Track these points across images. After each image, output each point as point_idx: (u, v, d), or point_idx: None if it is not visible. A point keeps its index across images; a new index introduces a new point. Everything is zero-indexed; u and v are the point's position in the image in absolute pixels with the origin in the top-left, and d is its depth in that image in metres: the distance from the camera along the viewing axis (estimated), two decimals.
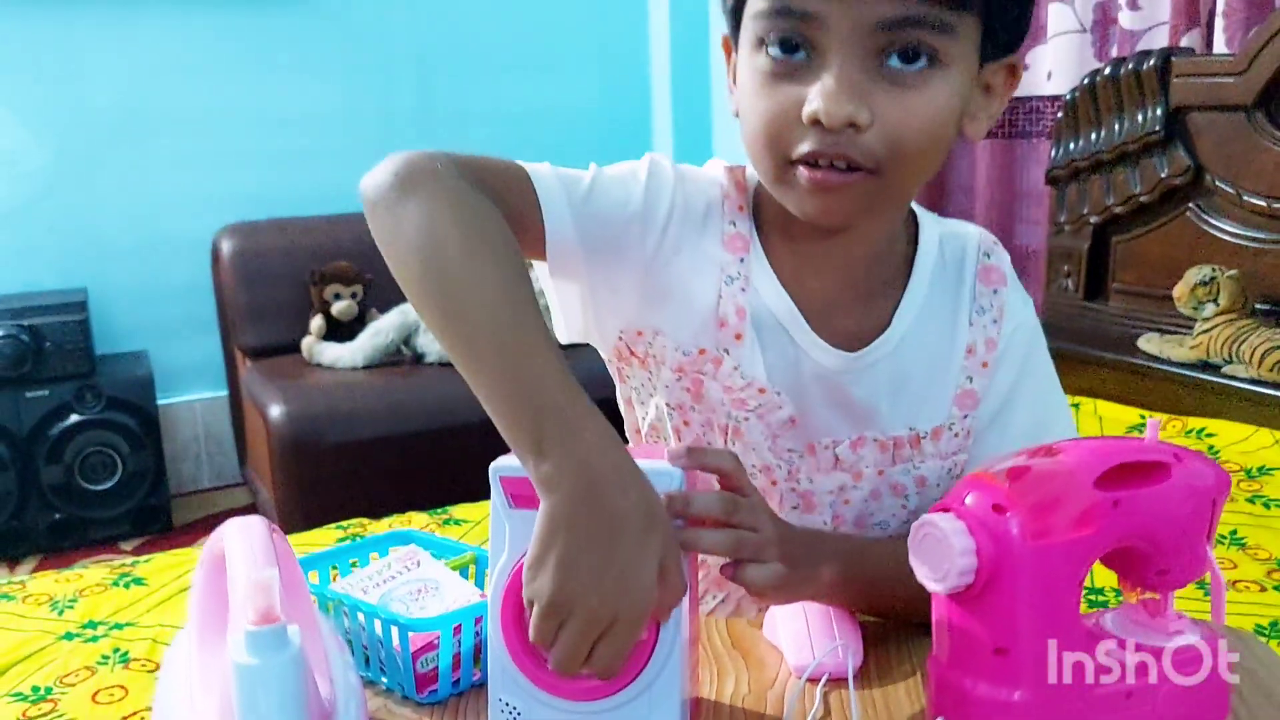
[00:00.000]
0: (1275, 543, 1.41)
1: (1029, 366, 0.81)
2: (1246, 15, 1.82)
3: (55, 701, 1.11)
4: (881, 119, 0.66)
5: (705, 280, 0.78)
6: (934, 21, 0.65)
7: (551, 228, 0.75)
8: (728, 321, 0.78)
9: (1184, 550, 0.60)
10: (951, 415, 0.80)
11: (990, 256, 0.82)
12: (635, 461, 0.60)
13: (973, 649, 0.56)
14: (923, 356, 0.79)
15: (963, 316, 0.80)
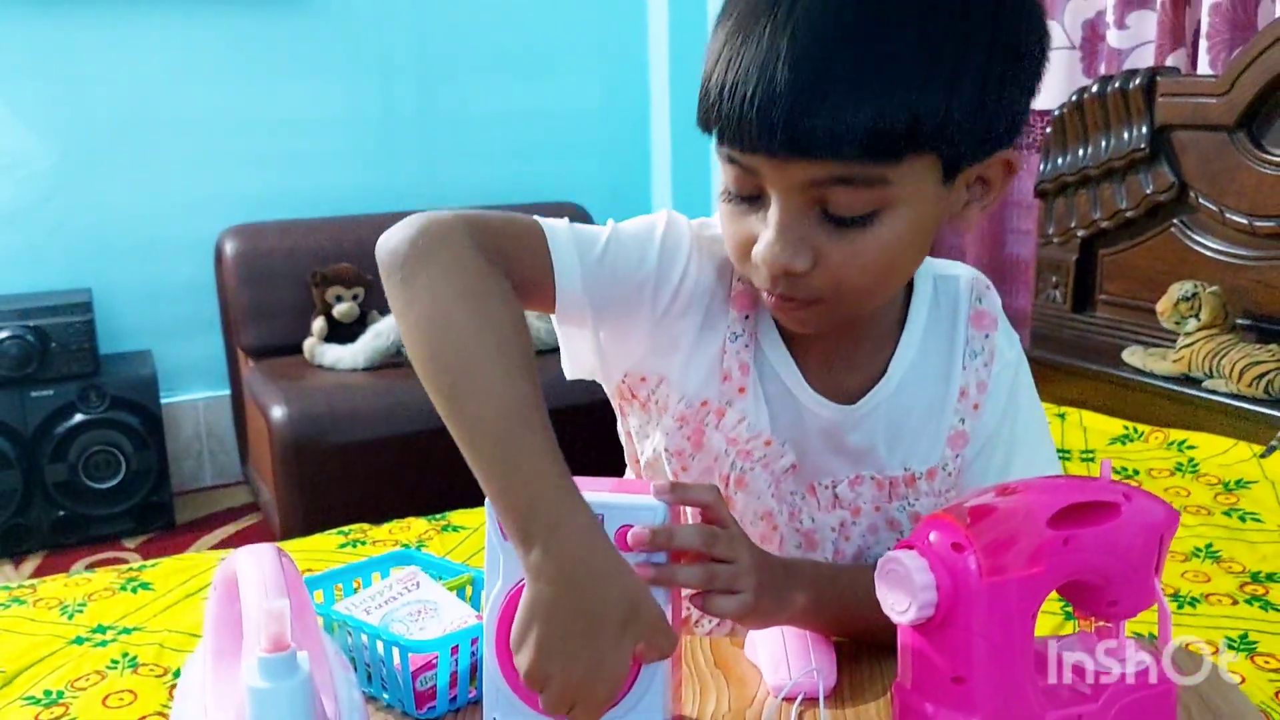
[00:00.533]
0: (1249, 556, 1.45)
1: (1014, 402, 0.84)
2: (1230, 37, 1.86)
3: (67, 705, 1.15)
4: (824, 261, 0.69)
5: (712, 335, 0.81)
6: (864, 178, 0.66)
7: (562, 287, 0.77)
8: (731, 375, 0.81)
9: (1133, 583, 0.64)
10: (945, 456, 0.83)
11: (982, 301, 0.84)
12: (619, 554, 0.63)
13: (933, 676, 0.61)
14: (919, 401, 0.82)
15: (956, 361, 0.82)
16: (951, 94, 0.65)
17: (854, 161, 0.65)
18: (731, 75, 0.65)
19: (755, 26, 0.65)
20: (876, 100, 0.63)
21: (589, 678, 0.61)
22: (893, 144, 0.64)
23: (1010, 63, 0.68)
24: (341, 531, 1.65)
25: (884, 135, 0.64)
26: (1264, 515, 1.55)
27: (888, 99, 0.63)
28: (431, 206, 2.94)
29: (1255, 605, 1.32)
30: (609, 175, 3.49)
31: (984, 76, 0.66)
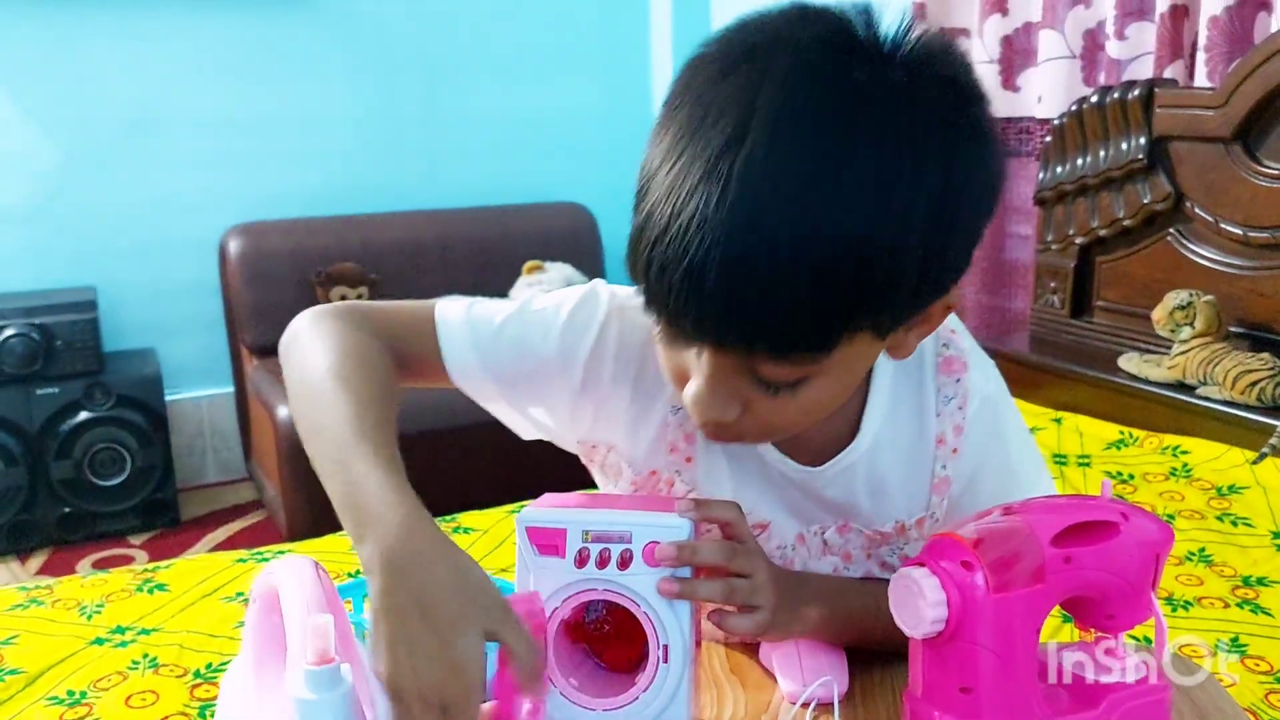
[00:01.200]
0: (1241, 560, 1.48)
1: (996, 434, 0.83)
2: (1227, 50, 1.89)
3: (90, 705, 1.18)
4: (753, 410, 0.68)
5: (651, 406, 0.81)
6: (795, 359, 0.64)
7: (453, 368, 0.81)
8: (678, 447, 0.81)
9: (1130, 598, 0.67)
10: (932, 504, 0.83)
11: (949, 346, 0.82)
12: (446, 539, 0.64)
13: (942, 687, 0.64)
14: (897, 457, 0.82)
15: (929, 410, 0.81)
16: (896, 280, 0.62)
17: (783, 357, 0.64)
18: (659, 255, 0.61)
19: (690, 195, 0.60)
20: (816, 308, 0.61)
21: (441, 670, 0.59)
22: (826, 338, 0.63)
23: (970, 222, 0.65)
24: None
25: (818, 337, 0.62)
26: (1255, 520, 1.58)
27: (830, 303, 0.61)
28: (434, 206, 2.99)
29: (1246, 609, 1.35)
30: (611, 175, 3.51)
31: (935, 250, 0.63)
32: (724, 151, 0.59)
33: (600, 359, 0.81)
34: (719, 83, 0.62)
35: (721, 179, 0.59)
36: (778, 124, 0.59)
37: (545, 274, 2.94)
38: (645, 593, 0.67)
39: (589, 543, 0.68)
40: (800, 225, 0.58)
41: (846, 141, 0.59)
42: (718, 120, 0.60)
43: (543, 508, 0.70)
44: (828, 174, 0.59)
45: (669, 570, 0.67)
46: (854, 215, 0.59)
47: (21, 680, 1.23)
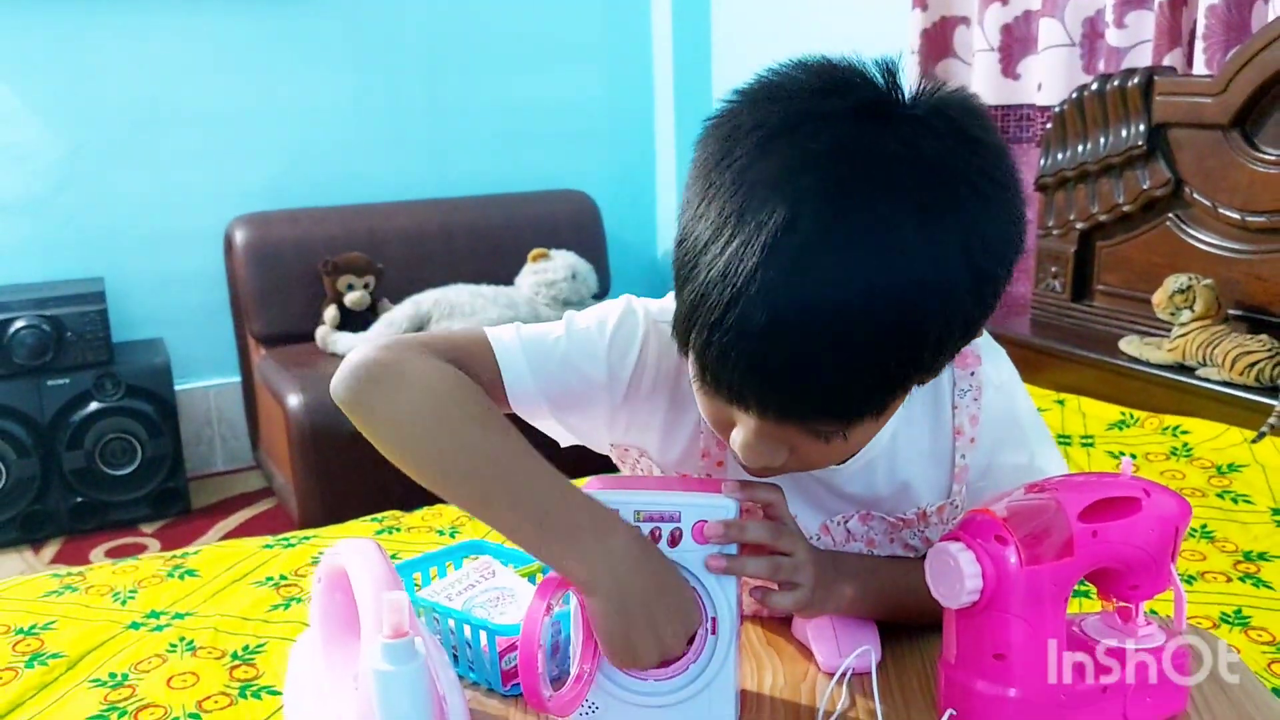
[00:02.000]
0: (1242, 536, 1.53)
1: (1010, 420, 0.87)
2: (1225, 38, 1.92)
3: (133, 687, 1.21)
4: (800, 455, 0.72)
5: (685, 414, 0.84)
6: (842, 428, 0.69)
7: (513, 393, 0.82)
8: (710, 453, 0.84)
9: (1152, 569, 0.71)
10: (953, 492, 0.87)
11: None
12: (654, 549, 0.71)
13: (977, 654, 0.68)
14: (916, 450, 0.85)
15: (945, 404, 0.85)
16: (942, 345, 0.67)
17: (836, 420, 0.68)
18: (719, 340, 0.64)
19: (749, 268, 0.62)
20: (874, 372, 0.65)
21: (655, 660, 0.70)
22: (886, 403, 0.69)
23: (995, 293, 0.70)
24: (375, 518, 1.71)
25: (878, 400, 0.68)
26: (1255, 497, 1.63)
27: (885, 369, 0.65)
28: (439, 195, 3.01)
29: (1248, 582, 1.39)
30: (614, 163, 3.55)
31: (969, 314, 0.68)
32: (777, 237, 0.61)
33: (641, 375, 0.84)
34: (760, 160, 0.64)
35: (779, 266, 0.61)
36: (825, 207, 0.61)
37: (550, 261, 2.97)
38: (694, 568, 0.71)
39: (641, 522, 0.71)
40: (857, 304, 0.62)
41: (891, 218, 0.62)
42: (765, 202, 0.62)
43: (596, 489, 0.73)
44: (878, 250, 0.62)
45: (717, 547, 0.71)
46: (907, 288, 0.62)
47: (64, 664, 1.27)
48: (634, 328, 0.84)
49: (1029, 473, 0.86)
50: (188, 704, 1.17)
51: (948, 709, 0.70)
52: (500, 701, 0.77)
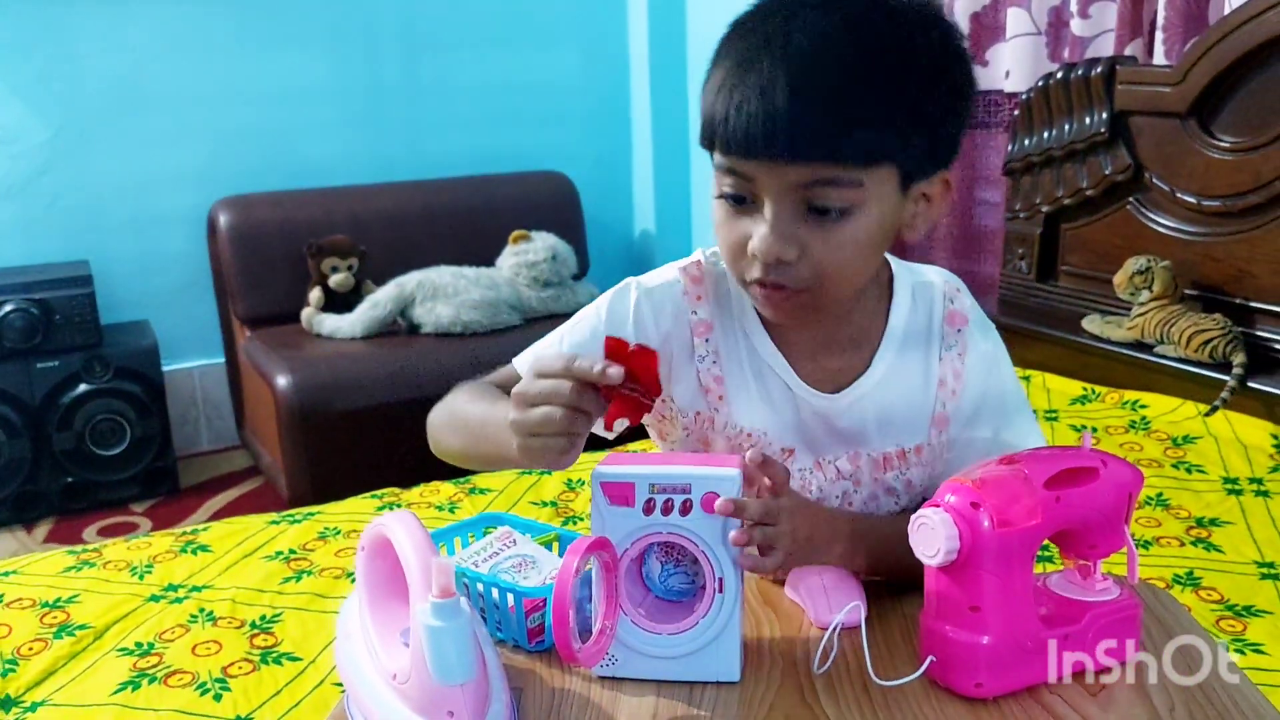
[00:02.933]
0: (1195, 503, 1.63)
1: (992, 386, 0.98)
2: (1184, 29, 2.01)
3: (160, 655, 1.29)
4: (808, 252, 0.84)
5: (687, 362, 0.98)
6: (843, 180, 0.81)
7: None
8: (710, 389, 0.97)
9: (1108, 531, 0.80)
10: (930, 435, 0.97)
11: (954, 302, 0.98)
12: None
13: (954, 607, 0.77)
14: (902, 391, 0.96)
15: (933, 355, 0.97)
16: (911, 120, 0.82)
17: (836, 164, 0.81)
18: (737, 98, 0.81)
19: (755, 64, 0.80)
20: (856, 118, 0.80)
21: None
22: (866, 152, 0.81)
23: (953, 101, 0.85)
24: (375, 495, 1.79)
25: (860, 145, 0.81)
26: (1207, 467, 1.73)
27: (865, 118, 0.80)
28: (419, 177, 3.10)
29: (1200, 547, 1.49)
30: (591, 143, 3.61)
31: (934, 110, 0.83)
32: (782, 27, 0.81)
33: (642, 326, 0.97)
34: (767, 5, 0.85)
35: (781, 40, 0.80)
36: (818, 14, 0.81)
37: (531, 243, 3.04)
38: (704, 534, 0.79)
39: (655, 494, 0.79)
40: (845, 59, 0.80)
41: (872, 32, 0.81)
42: (768, 18, 0.83)
43: (613, 465, 0.81)
44: (859, 46, 0.80)
45: (722, 516, 0.79)
46: (883, 71, 0.80)
47: (90, 634, 1.34)
48: (625, 299, 0.98)
49: (1005, 438, 0.97)
50: (214, 670, 1.25)
51: (928, 656, 0.79)
52: (526, 657, 0.85)
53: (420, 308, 2.86)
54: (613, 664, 0.81)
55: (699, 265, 0.99)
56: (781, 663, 0.83)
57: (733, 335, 0.97)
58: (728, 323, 0.98)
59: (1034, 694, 0.78)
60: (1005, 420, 0.98)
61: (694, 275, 0.99)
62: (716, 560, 0.79)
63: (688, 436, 1.00)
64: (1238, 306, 1.96)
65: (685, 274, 0.99)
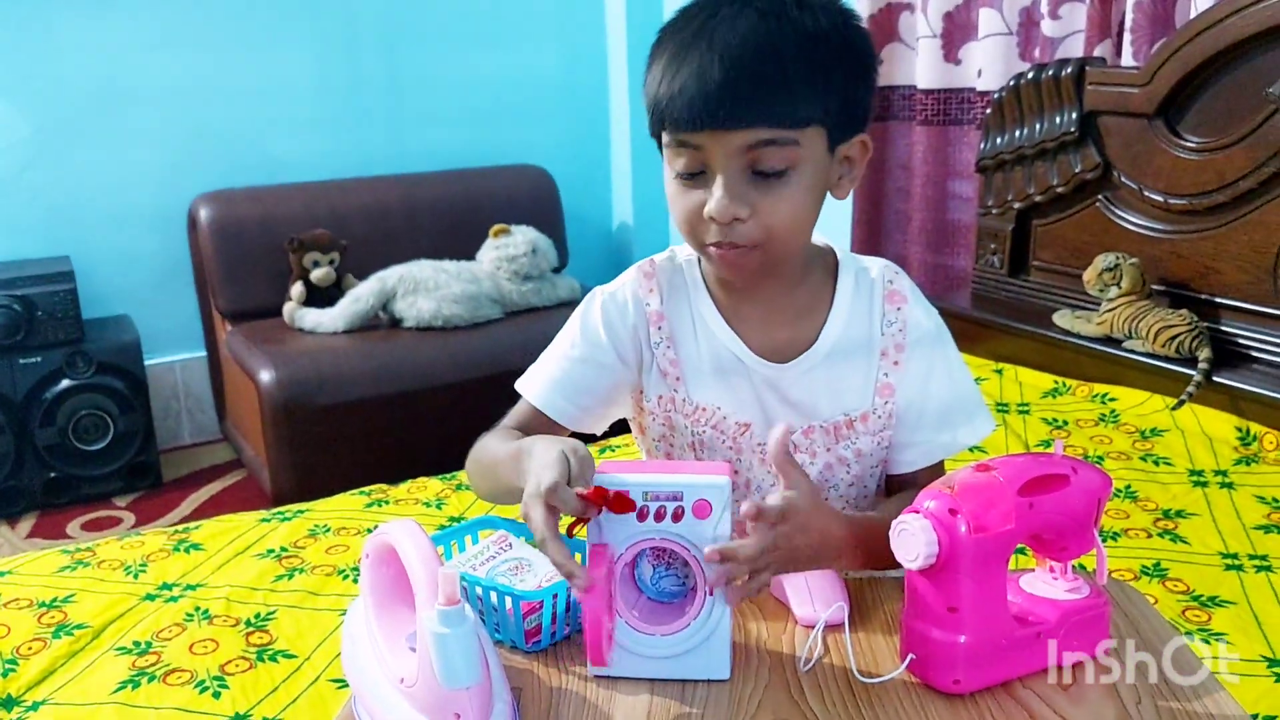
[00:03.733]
0: (1162, 495, 1.68)
1: (938, 363, 1.06)
2: (1151, 31, 2.06)
3: (158, 654, 1.32)
4: (757, 211, 0.93)
5: (649, 350, 1.09)
6: (781, 140, 0.92)
7: (562, 420, 1.09)
8: (667, 372, 1.08)
9: (1079, 535, 0.84)
10: (875, 403, 1.05)
11: (892, 283, 1.07)
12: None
13: (933, 607, 0.81)
14: (848, 362, 1.05)
15: (875, 329, 1.05)
16: (828, 88, 0.93)
17: (774, 126, 0.91)
18: (678, 83, 0.91)
19: (689, 53, 0.91)
20: (782, 85, 0.90)
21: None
22: (797, 114, 0.92)
23: (859, 70, 0.96)
24: (363, 491, 1.82)
25: (789, 107, 0.91)
26: (1174, 460, 1.78)
27: (789, 85, 0.91)
28: (399, 171, 3.14)
29: (1166, 538, 1.55)
30: (570, 138, 3.63)
31: (845, 80, 0.94)
32: (708, 24, 0.92)
33: (611, 329, 1.09)
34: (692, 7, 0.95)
35: (709, 34, 0.91)
36: (736, 8, 0.92)
37: (511, 237, 3.06)
38: (695, 539, 0.82)
39: (649, 501, 0.82)
40: (766, 40, 0.90)
41: (782, 18, 0.92)
42: (691, 19, 0.94)
43: (608, 474, 0.84)
44: (776, 29, 0.91)
45: (713, 524, 0.82)
46: (795, 48, 0.91)
47: (89, 634, 1.36)
48: (592, 310, 1.10)
49: (954, 417, 1.06)
50: (211, 668, 1.28)
51: (909, 654, 0.83)
52: (524, 657, 0.89)
53: (401, 302, 2.88)
54: (608, 664, 0.84)
55: (651, 263, 1.11)
56: (769, 660, 0.87)
57: (685, 319, 1.07)
58: (680, 308, 1.08)
59: (1009, 689, 0.82)
60: (955, 390, 1.06)
61: (646, 271, 1.10)
62: (707, 565, 0.83)
63: (654, 421, 1.10)
64: (1203, 302, 2.02)
65: (639, 270, 1.10)
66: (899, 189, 2.71)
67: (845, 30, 0.95)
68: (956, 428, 1.07)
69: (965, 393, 1.08)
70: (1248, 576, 1.44)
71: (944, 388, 1.06)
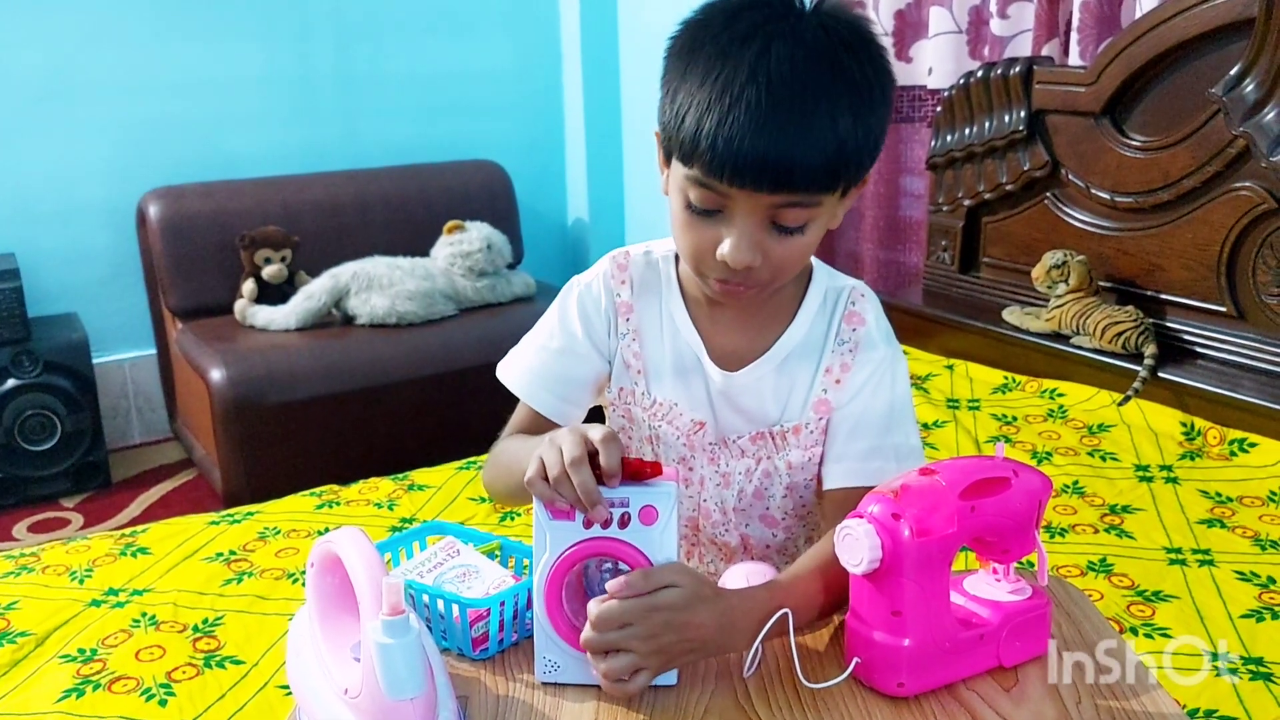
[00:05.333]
0: (1109, 491, 1.70)
1: (884, 389, 1.05)
2: (1097, 30, 2.09)
3: (104, 661, 1.29)
4: (769, 259, 0.93)
5: (616, 342, 1.10)
6: (809, 202, 0.91)
7: (555, 417, 1.10)
8: (630, 364, 1.09)
9: (1020, 536, 0.86)
10: (809, 417, 1.06)
11: (855, 305, 1.07)
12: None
13: (877, 611, 0.82)
14: (797, 374, 1.06)
15: (828, 345, 1.06)
16: (863, 144, 0.91)
17: (807, 193, 0.90)
18: (727, 131, 0.87)
19: (740, 96, 0.86)
20: (834, 156, 0.89)
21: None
22: (834, 182, 0.91)
23: (885, 120, 0.95)
24: (314, 493, 1.80)
25: (831, 177, 0.90)
26: (1121, 455, 1.81)
27: (841, 156, 0.89)
28: (352, 166, 3.12)
29: (1113, 534, 1.57)
30: (524, 133, 3.61)
31: (881, 131, 0.94)
32: (756, 64, 0.87)
33: (586, 322, 1.10)
34: (733, 26, 0.90)
35: (764, 75, 0.86)
36: (788, 46, 0.88)
37: (466, 233, 3.04)
38: (642, 546, 0.83)
39: None
40: (822, 98, 0.87)
41: (835, 66, 0.89)
42: (743, 48, 0.88)
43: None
44: (829, 81, 0.88)
45: (661, 526, 0.83)
46: (846, 102, 0.89)
47: (32, 641, 1.34)
48: (569, 301, 1.11)
49: (889, 437, 1.05)
50: (158, 675, 1.26)
51: (854, 658, 0.84)
52: (471, 664, 0.89)
53: (355, 299, 2.86)
54: (554, 670, 0.84)
55: (626, 254, 1.12)
56: (716, 666, 0.88)
57: (654, 315, 1.09)
58: (650, 304, 1.09)
59: (952, 691, 0.83)
60: (893, 417, 1.05)
61: (620, 263, 1.11)
62: (655, 566, 0.83)
63: (614, 412, 1.12)
64: (1149, 299, 2.05)
65: (613, 261, 1.12)
66: None
67: (882, 77, 0.93)
68: (886, 451, 1.04)
69: (900, 418, 1.06)
70: (1190, 571, 1.46)
71: (881, 412, 1.05)
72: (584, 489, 0.81)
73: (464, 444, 2.02)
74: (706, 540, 1.15)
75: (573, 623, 0.85)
